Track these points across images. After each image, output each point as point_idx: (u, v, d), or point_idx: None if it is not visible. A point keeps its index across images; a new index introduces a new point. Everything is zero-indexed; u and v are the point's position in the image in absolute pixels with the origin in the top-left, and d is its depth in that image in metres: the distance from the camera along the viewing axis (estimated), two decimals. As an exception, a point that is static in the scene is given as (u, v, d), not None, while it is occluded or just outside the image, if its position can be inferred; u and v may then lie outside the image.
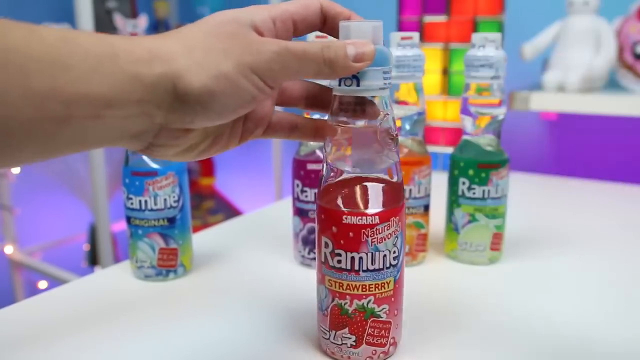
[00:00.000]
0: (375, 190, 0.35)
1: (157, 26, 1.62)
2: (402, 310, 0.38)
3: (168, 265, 0.52)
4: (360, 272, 0.35)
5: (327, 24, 0.34)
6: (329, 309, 0.36)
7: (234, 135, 0.34)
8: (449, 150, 0.96)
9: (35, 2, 1.51)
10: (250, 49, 0.28)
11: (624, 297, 0.49)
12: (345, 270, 0.35)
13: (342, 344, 0.37)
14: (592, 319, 0.45)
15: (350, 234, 0.35)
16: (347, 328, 0.36)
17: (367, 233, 0.34)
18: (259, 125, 0.35)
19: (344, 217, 0.34)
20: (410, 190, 0.53)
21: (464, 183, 0.54)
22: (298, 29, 0.33)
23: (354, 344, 0.37)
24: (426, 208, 0.55)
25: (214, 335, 0.42)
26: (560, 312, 0.46)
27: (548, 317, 0.45)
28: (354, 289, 0.35)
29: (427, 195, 0.55)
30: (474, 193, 0.54)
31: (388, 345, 0.37)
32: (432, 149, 0.95)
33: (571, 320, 0.44)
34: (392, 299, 0.37)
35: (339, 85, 0.34)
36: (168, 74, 0.27)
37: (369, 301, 0.36)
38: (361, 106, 0.34)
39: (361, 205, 0.35)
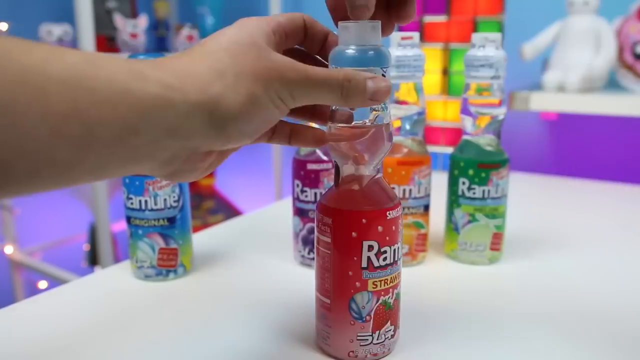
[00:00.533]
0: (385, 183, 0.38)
1: (157, 26, 1.62)
2: None
3: (168, 265, 0.52)
4: (398, 261, 0.37)
5: (307, 39, 0.35)
6: (372, 312, 0.36)
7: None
8: (449, 150, 0.96)
9: (35, 2, 1.51)
10: (276, 74, 0.28)
11: (624, 297, 0.49)
12: (390, 264, 0.36)
13: (385, 340, 0.38)
14: (592, 318, 0.45)
15: (393, 227, 0.36)
16: (388, 322, 0.37)
17: (400, 223, 0.37)
18: (265, 135, 0.35)
19: (388, 212, 0.36)
20: (410, 190, 0.53)
21: (464, 183, 0.54)
22: (287, 41, 0.33)
23: (393, 333, 0.38)
24: (426, 208, 0.55)
25: (214, 335, 0.42)
26: (560, 312, 0.46)
27: (548, 317, 0.45)
28: (395, 280, 0.37)
29: (427, 195, 0.55)
30: (474, 193, 0.54)
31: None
32: (432, 149, 0.95)
33: (571, 319, 0.44)
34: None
35: None
36: (204, 101, 0.26)
37: (399, 286, 0.38)
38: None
39: (394, 196, 0.37)
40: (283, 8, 1.59)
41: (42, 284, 1.58)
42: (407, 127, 0.53)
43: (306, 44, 0.35)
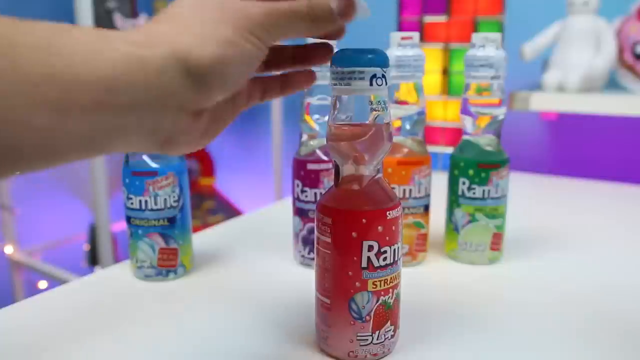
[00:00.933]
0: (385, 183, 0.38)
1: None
2: None
3: (168, 265, 0.52)
4: (399, 261, 0.37)
5: None
6: (372, 312, 0.36)
7: (230, 110, 0.34)
8: (449, 150, 0.96)
9: (35, 2, 1.51)
10: (242, 14, 0.28)
11: (624, 296, 0.49)
12: (390, 264, 0.36)
13: (385, 340, 0.38)
14: (593, 318, 0.45)
15: (393, 227, 0.36)
16: (388, 322, 0.37)
17: (400, 221, 0.37)
18: (244, 95, 0.35)
19: (388, 212, 0.36)
20: (410, 190, 0.53)
21: (464, 183, 0.54)
22: None
23: (393, 334, 0.38)
24: (426, 208, 0.55)
25: (214, 335, 0.42)
26: (560, 312, 0.46)
27: (548, 317, 0.45)
28: (394, 280, 0.37)
29: (427, 195, 0.55)
30: (474, 193, 0.54)
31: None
32: (432, 149, 0.95)
33: (571, 319, 0.44)
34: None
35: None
36: (175, 54, 0.25)
37: (399, 286, 0.38)
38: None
39: (394, 196, 0.37)
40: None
41: (42, 284, 1.58)
42: (407, 127, 0.53)
43: None
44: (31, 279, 1.57)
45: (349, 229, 0.35)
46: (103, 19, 1.39)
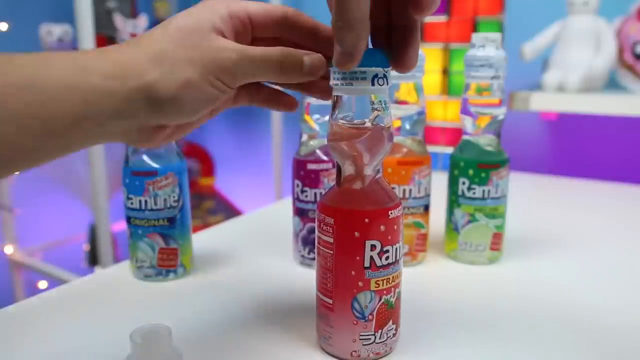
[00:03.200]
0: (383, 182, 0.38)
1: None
2: None
3: (168, 265, 0.52)
4: (400, 260, 0.37)
5: (294, 32, 0.36)
6: (374, 312, 0.36)
7: (204, 115, 0.36)
8: (449, 150, 0.96)
9: (35, 2, 1.51)
10: (213, 56, 0.31)
11: (625, 296, 0.49)
12: (392, 263, 0.36)
13: (387, 338, 0.38)
14: (593, 318, 0.45)
15: (395, 226, 0.36)
16: (390, 320, 0.37)
17: (401, 221, 0.37)
18: (225, 104, 0.38)
19: (390, 212, 0.36)
20: (410, 190, 0.53)
21: (464, 183, 0.54)
22: (256, 29, 0.35)
23: (395, 332, 0.38)
24: (426, 208, 0.55)
25: (214, 335, 0.42)
26: (560, 312, 0.46)
27: (548, 317, 0.45)
28: (396, 279, 0.37)
29: (427, 195, 0.55)
30: (474, 193, 0.54)
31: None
32: (432, 149, 0.95)
33: (571, 319, 0.44)
34: None
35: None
36: (140, 87, 0.30)
37: (400, 285, 0.38)
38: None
39: (395, 196, 0.37)
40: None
41: (42, 284, 1.58)
42: (407, 127, 0.53)
43: (294, 37, 0.36)
44: (31, 279, 1.57)
45: (351, 229, 0.35)
46: (103, 19, 1.39)
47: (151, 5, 1.65)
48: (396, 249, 0.36)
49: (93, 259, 1.56)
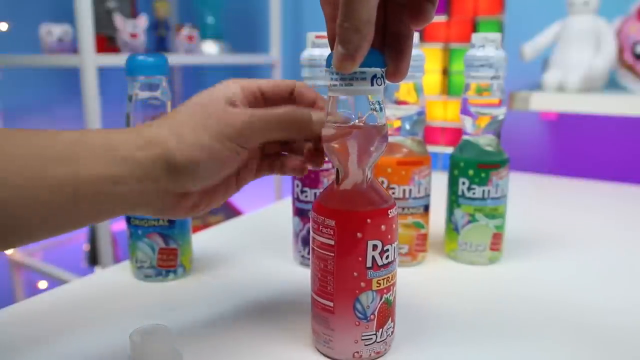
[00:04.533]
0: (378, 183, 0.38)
1: (157, 26, 1.62)
2: None
3: (168, 265, 0.52)
4: (396, 260, 0.37)
5: (297, 103, 0.40)
6: (376, 312, 0.37)
7: (230, 186, 0.40)
8: (449, 150, 0.96)
9: (35, 2, 1.51)
10: (225, 122, 0.35)
11: (625, 296, 0.49)
12: (391, 262, 0.37)
13: (387, 337, 0.38)
14: (593, 318, 0.45)
15: (393, 225, 0.36)
16: (389, 318, 0.38)
17: (397, 219, 0.37)
18: (248, 174, 0.41)
19: (389, 211, 0.36)
20: (410, 190, 0.53)
21: (464, 183, 0.54)
22: (267, 101, 0.40)
23: (393, 329, 0.39)
24: (426, 208, 0.55)
25: (214, 336, 0.42)
26: (560, 312, 0.46)
27: (548, 317, 0.45)
28: (395, 277, 0.38)
29: (427, 195, 0.55)
30: (474, 193, 0.54)
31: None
32: (432, 149, 0.95)
33: (572, 319, 0.44)
34: None
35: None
36: (160, 154, 0.34)
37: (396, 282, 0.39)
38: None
39: (389, 196, 0.37)
40: (283, 8, 1.59)
41: (42, 284, 1.58)
42: (407, 127, 0.53)
43: (296, 103, 0.40)
44: (31, 279, 1.57)
45: (354, 230, 0.35)
46: (103, 19, 1.39)
47: (151, 5, 1.65)
48: (394, 247, 0.37)
49: (93, 259, 1.56)
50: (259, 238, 0.65)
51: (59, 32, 1.30)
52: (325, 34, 0.35)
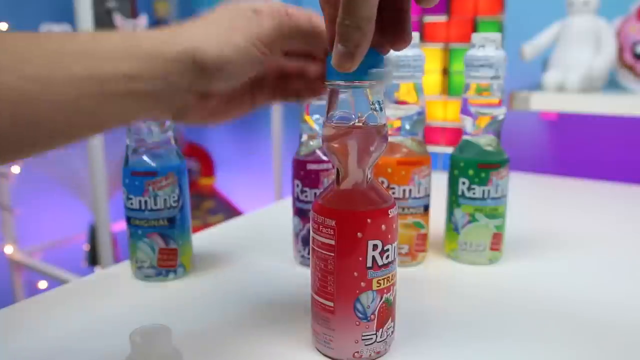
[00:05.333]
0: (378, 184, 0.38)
1: (157, 26, 1.62)
2: None
3: (168, 265, 0.52)
4: (396, 259, 0.38)
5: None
6: (376, 311, 0.37)
7: (244, 103, 0.40)
8: (449, 150, 0.96)
9: (35, 2, 1.51)
10: (255, 23, 0.34)
11: (625, 296, 0.49)
12: (391, 262, 0.37)
13: (387, 336, 0.38)
14: (593, 317, 0.45)
15: (393, 225, 0.36)
16: (389, 318, 0.38)
17: (397, 219, 0.37)
18: (263, 94, 0.41)
19: (390, 211, 0.36)
20: (410, 190, 0.53)
21: (464, 183, 0.54)
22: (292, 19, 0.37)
23: (393, 329, 0.39)
24: (426, 208, 0.55)
25: (214, 336, 0.42)
26: (560, 312, 0.46)
27: (548, 317, 0.45)
28: (394, 277, 0.38)
29: (427, 195, 0.55)
30: (474, 193, 0.54)
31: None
32: (432, 149, 0.95)
33: (572, 319, 0.44)
34: None
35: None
36: (188, 49, 0.32)
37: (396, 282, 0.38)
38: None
39: (389, 195, 0.37)
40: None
41: (42, 284, 1.58)
42: (407, 127, 0.53)
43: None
44: (31, 279, 1.57)
45: (354, 230, 0.35)
46: (103, 19, 1.39)
47: (151, 5, 1.65)
48: (394, 247, 0.37)
49: (93, 259, 1.56)
50: (259, 238, 0.65)
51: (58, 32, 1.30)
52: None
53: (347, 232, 0.35)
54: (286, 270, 0.55)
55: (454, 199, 0.56)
